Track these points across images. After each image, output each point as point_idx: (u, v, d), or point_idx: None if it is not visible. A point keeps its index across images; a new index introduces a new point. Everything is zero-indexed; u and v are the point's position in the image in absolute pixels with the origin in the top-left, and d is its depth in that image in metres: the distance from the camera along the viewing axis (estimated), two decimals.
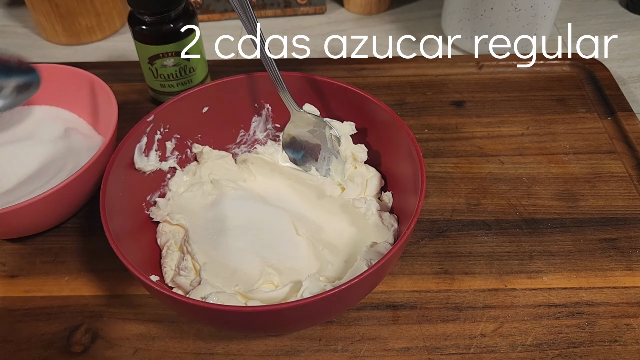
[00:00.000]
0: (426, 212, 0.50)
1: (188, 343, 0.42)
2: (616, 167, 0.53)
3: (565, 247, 0.47)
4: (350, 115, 0.48)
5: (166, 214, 0.45)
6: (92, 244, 0.48)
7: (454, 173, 0.53)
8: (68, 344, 0.42)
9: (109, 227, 0.37)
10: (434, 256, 0.47)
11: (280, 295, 0.39)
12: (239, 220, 0.45)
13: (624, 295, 0.44)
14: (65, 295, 0.45)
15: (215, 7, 0.76)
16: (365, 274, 0.33)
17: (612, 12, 0.77)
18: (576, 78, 0.63)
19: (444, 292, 0.44)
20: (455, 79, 0.64)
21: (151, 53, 0.54)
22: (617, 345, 0.41)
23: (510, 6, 0.62)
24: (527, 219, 0.49)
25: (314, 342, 0.41)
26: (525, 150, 0.55)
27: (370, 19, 0.77)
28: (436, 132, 0.58)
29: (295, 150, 0.49)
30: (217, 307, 0.33)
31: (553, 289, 0.44)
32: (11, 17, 0.79)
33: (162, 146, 0.47)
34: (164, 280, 0.42)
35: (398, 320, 0.43)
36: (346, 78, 0.64)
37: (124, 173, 0.43)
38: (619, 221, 0.49)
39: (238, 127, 0.51)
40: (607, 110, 0.59)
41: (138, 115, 0.46)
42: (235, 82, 0.48)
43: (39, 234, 0.49)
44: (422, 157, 0.40)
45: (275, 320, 0.36)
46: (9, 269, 0.46)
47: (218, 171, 0.49)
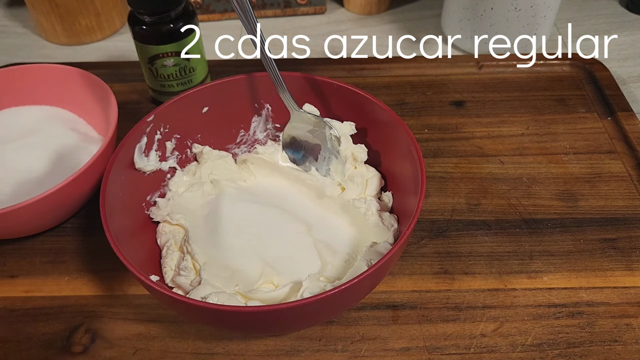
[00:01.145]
0: (426, 212, 0.50)
1: (188, 343, 0.42)
2: (616, 167, 0.53)
3: (565, 247, 0.47)
4: (350, 115, 0.48)
5: (166, 214, 0.45)
6: (92, 244, 0.48)
7: (454, 173, 0.53)
8: (68, 344, 0.42)
9: (109, 227, 0.37)
10: (434, 256, 0.47)
11: (280, 295, 0.39)
12: (239, 221, 0.45)
13: (624, 295, 0.44)
14: (65, 295, 0.45)
15: (215, 7, 0.76)
16: (365, 274, 0.33)
17: (612, 12, 0.77)
18: (576, 78, 0.63)
19: (444, 292, 0.44)
20: (455, 79, 0.64)
21: (151, 53, 0.54)
22: (617, 345, 0.41)
23: (510, 6, 0.62)
24: (527, 219, 0.49)
25: (314, 342, 0.41)
26: (525, 150, 0.55)
27: (370, 19, 0.77)
28: (436, 132, 0.58)
29: (295, 150, 0.49)
30: (217, 307, 0.33)
31: (553, 289, 0.44)
32: (11, 17, 0.79)
33: (162, 146, 0.47)
34: (164, 280, 0.42)
35: (398, 320, 0.43)
36: (346, 78, 0.64)
37: (124, 173, 0.43)
38: (619, 221, 0.49)
39: (238, 127, 0.51)
40: (607, 110, 0.59)
41: (138, 115, 0.46)
42: (235, 82, 0.48)
43: (39, 234, 0.49)
44: (422, 157, 0.40)
45: (275, 320, 0.36)
46: (9, 269, 0.46)
47: (218, 171, 0.49)
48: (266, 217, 0.45)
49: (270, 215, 0.46)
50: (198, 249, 0.43)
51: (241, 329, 0.39)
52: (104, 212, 0.38)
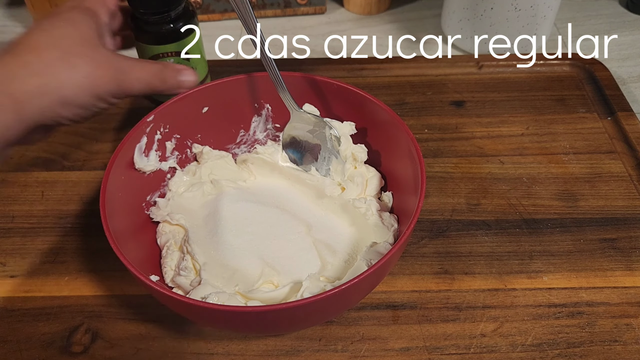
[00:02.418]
0: (426, 212, 0.50)
1: (188, 343, 0.42)
2: (616, 167, 0.53)
3: (565, 247, 0.47)
4: (350, 115, 0.48)
5: (166, 214, 0.45)
6: (92, 244, 0.48)
7: (454, 173, 0.53)
8: (68, 344, 0.42)
9: (109, 227, 0.37)
10: (434, 256, 0.47)
11: (280, 295, 0.39)
12: (239, 220, 0.45)
13: (623, 295, 0.44)
14: (65, 295, 0.45)
15: (215, 7, 0.76)
16: (365, 274, 0.33)
17: (612, 12, 0.77)
18: (576, 78, 0.63)
19: (444, 292, 0.44)
20: (455, 79, 0.64)
21: (151, 53, 0.54)
22: (617, 345, 0.41)
23: (510, 6, 0.62)
24: (527, 219, 0.49)
25: (314, 342, 0.41)
26: (525, 150, 0.55)
27: (370, 19, 0.77)
28: (436, 132, 0.58)
29: (295, 150, 0.49)
30: (217, 307, 0.33)
31: (553, 289, 0.44)
32: (11, 17, 0.79)
33: (162, 146, 0.47)
34: (164, 280, 0.42)
35: (398, 320, 0.43)
36: (346, 78, 0.64)
37: (124, 173, 0.43)
38: (619, 221, 0.49)
39: (238, 127, 0.51)
40: (607, 110, 0.59)
41: (138, 115, 0.46)
42: (235, 82, 0.48)
43: (39, 234, 0.49)
44: (422, 157, 0.40)
45: (275, 320, 0.36)
46: (9, 269, 0.46)
47: (218, 171, 0.49)
48: (266, 217, 0.45)
49: (270, 215, 0.46)
50: (198, 249, 0.43)
51: (241, 329, 0.39)
52: (104, 212, 0.38)
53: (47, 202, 0.51)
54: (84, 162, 0.55)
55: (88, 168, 0.54)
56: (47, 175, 0.54)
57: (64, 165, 0.55)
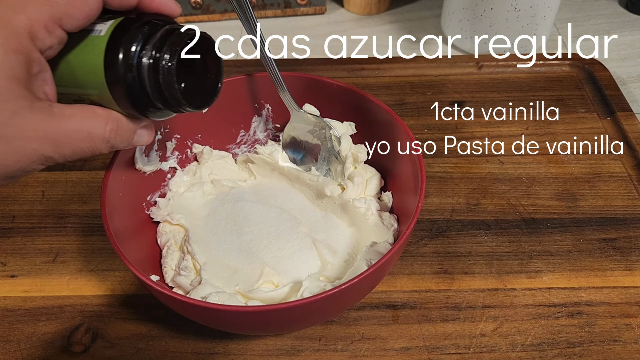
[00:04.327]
0: (426, 212, 0.50)
1: (188, 343, 0.42)
2: (616, 167, 0.53)
3: (564, 247, 0.47)
4: (350, 115, 0.48)
5: (166, 214, 0.45)
6: (92, 244, 0.48)
7: (453, 173, 0.53)
8: (68, 343, 0.42)
9: (109, 227, 0.37)
10: (433, 256, 0.47)
11: (280, 295, 0.39)
12: (239, 220, 0.45)
13: (623, 295, 0.44)
14: (65, 295, 0.45)
15: (215, 7, 0.76)
16: (365, 273, 0.33)
17: (612, 12, 0.77)
18: (576, 78, 0.63)
19: (443, 292, 0.44)
20: (455, 79, 0.64)
21: None
22: (616, 345, 0.41)
23: (510, 6, 0.62)
24: (527, 219, 0.49)
25: (314, 342, 0.41)
26: (525, 150, 0.55)
27: (370, 19, 0.77)
28: (436, 132, 0.58)
29: (295, 150, 0.49)
30: (217, 307, 0.33)
31: (553, 289, 0.44)
32: None
33: (162, 146, 0.47)
34: (164, 280, 0.42)
35: (398, 320, 0.43)
36: (346, 78, 0.64)
37: (125, 173, 0.43)
38: (619, 221, 0.49)
39: (238, 127, 0.51)
40: (607, 110, 0.59)
41: None
42: (235, 82, 0.48)
43: (39, 234, 0.49)
44: (421, 157, 0.40)
45: (275, 320, 0.36)
46: (9, 269, 0.47)
47: (218, 171, 0.49)
48: (266, 217, 0.45)
49: (270, 215, 0.46)
50: (198, 248, 0.43)
51: (241, 329, 0.39)
52: (104, 212, 0.38)
53: (47, 202, 0.51)
54: (84, 162, 0.55)
55: (88, 168, 0.54)
56: (48, 175, 0.54)
57: (65, 165, 0.55)
